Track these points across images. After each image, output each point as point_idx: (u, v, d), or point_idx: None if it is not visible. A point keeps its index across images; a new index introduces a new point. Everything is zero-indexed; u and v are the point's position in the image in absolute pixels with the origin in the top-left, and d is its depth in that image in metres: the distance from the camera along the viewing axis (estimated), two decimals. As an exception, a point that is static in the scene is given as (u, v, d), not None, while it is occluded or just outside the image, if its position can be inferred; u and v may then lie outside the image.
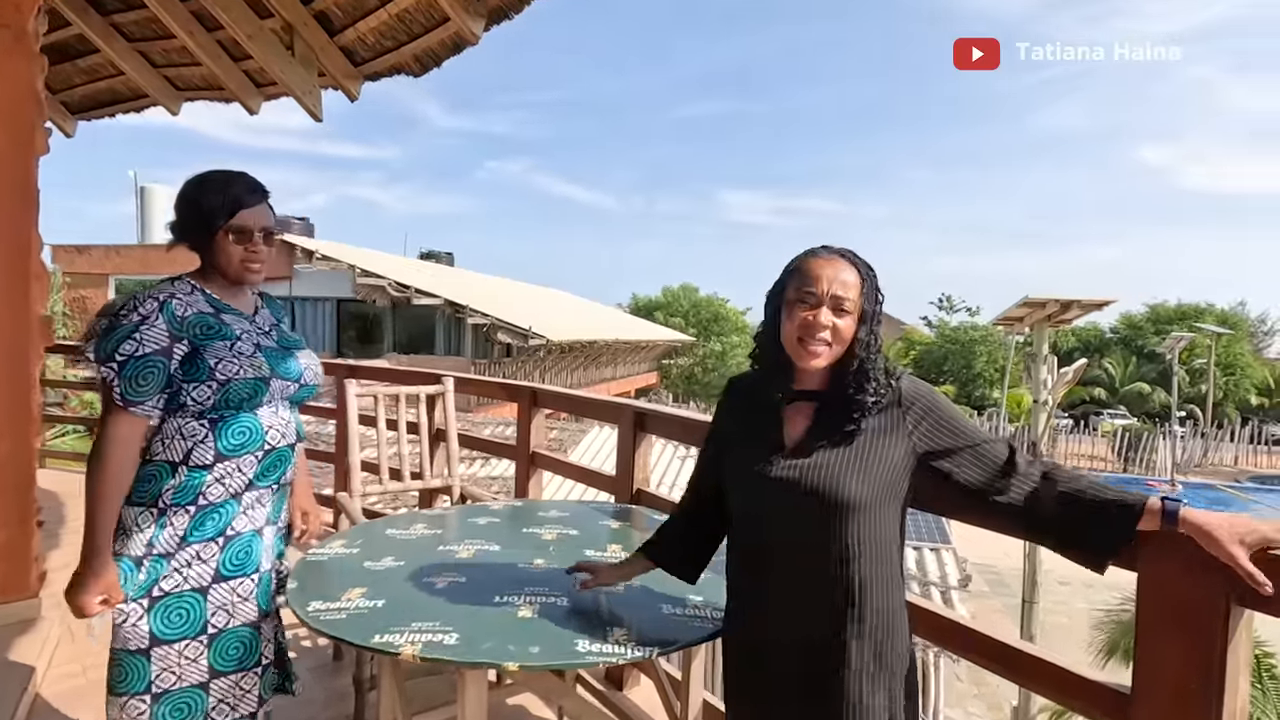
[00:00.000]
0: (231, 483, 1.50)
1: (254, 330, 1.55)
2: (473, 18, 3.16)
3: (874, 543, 1.19)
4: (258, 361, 1.50)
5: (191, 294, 1.50)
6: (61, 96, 5.26)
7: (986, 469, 1.19)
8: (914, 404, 1.21)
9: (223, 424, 1.47)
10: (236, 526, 1.53)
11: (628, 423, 2.56)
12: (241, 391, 1.47)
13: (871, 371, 1.20)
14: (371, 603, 1.49)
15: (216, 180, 1.50)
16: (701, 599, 1.57)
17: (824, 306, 1.19)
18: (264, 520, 1.58)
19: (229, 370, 1.45)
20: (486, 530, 2.05)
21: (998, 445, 1.21)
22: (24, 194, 2.69)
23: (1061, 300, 7.52)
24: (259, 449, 1.52)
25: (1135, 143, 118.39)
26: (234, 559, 1.53)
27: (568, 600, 1.52)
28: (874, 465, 1.19)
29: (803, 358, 1.21)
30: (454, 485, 2.96)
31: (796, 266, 1.24)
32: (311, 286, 17.69)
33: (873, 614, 1.19)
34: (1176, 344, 23.69)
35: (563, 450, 9.27)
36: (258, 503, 1.56)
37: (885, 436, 1.20)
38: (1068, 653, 6.20)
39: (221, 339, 1.47)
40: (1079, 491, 1.13)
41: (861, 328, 1.21)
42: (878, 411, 1.21)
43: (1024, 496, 1.17)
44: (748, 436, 1.30)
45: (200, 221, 1.49)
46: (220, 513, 1.50)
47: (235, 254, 1.50)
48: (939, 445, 1.20)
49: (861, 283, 1.21)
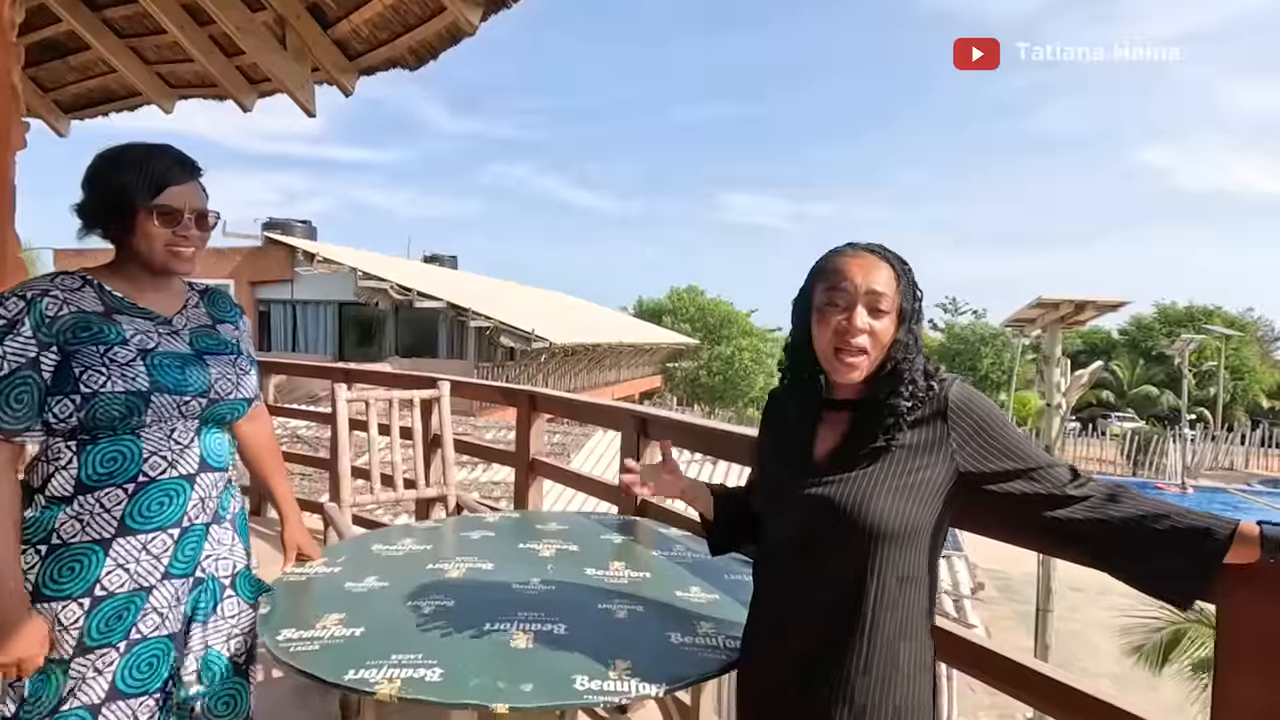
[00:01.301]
0: (95, 525, 1.21)
1: (157, 332, 1.30)
2: (470, 6, 3.04)
3: (901, 573, 1.05)
4: (132, 372, 1.22)
5: (79, 290, 1.25)
6: (54, 95, 5.16)
7: (1045, 496, 1.04)
8: (961, 417, 1.06)
9: (92, 447, 1.22)
10: (108, 584, 1.21)
11: (630, 429, 2.42)
12: (111, 408, 1.20)
13: (908, 373, 1.07)
14: (349, 631, 1.35)
15: (136, 153, 1.27)
16: (713, 626, 1.43)
17: (858, 308, 1.06)
18: (157, 575, 1.25)
19: (94, 382, 1.19)
20: (480, 546, 1.91)
21: (1059, 469, 1.05)
22: (0, 190, 2.57)
23: (1076, 301, 7.35)
24: (129, 480, 1.23)
25: (1138, 144, 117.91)
26: (100, 626, 1.21)
27: (565, 627, 1.38)
28: (910, 485, 1.05)
29: (839, 370, 1.08)
30: (449, 494, 2.82)
31: (823, 267, 1.11)
32: (313, 290, 17.63)
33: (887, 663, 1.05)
34: (1186, 347, 23.46)
35: (566, 455, 9.13)
36: (144, 552, 1.24)
37: (926, 453, 1.06)
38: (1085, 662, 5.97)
39: (96, 343, 1.21)
40: (1156, 517, 0.98)
41: (900, 328, 1.07)
42: (919, 424, 1.07)
43: (1090, 524, 1.02)
44: (778, 453, 1.19)
45: (116, 202, 1.25)
46: (81, 562, 1.20)
47: (159, 237, 1.26)
48: (988, 467, 1.06)
49: (897, 279, 1.08)
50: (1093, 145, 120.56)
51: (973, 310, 39.66)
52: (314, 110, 3.79)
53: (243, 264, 17.94)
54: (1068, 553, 1.12)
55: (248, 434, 1.60)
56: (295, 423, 7.96)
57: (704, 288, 36.58)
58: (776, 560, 1.16)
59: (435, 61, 3.51)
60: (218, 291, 1.51)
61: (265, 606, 1.46)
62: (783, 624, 1.13)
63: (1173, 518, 0.97)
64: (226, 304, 1.50)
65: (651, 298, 38.26)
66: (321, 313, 18.04)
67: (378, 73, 3.77)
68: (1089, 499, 1.03)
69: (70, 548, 1.21)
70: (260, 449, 1.62)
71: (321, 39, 3.69)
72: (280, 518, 1.67)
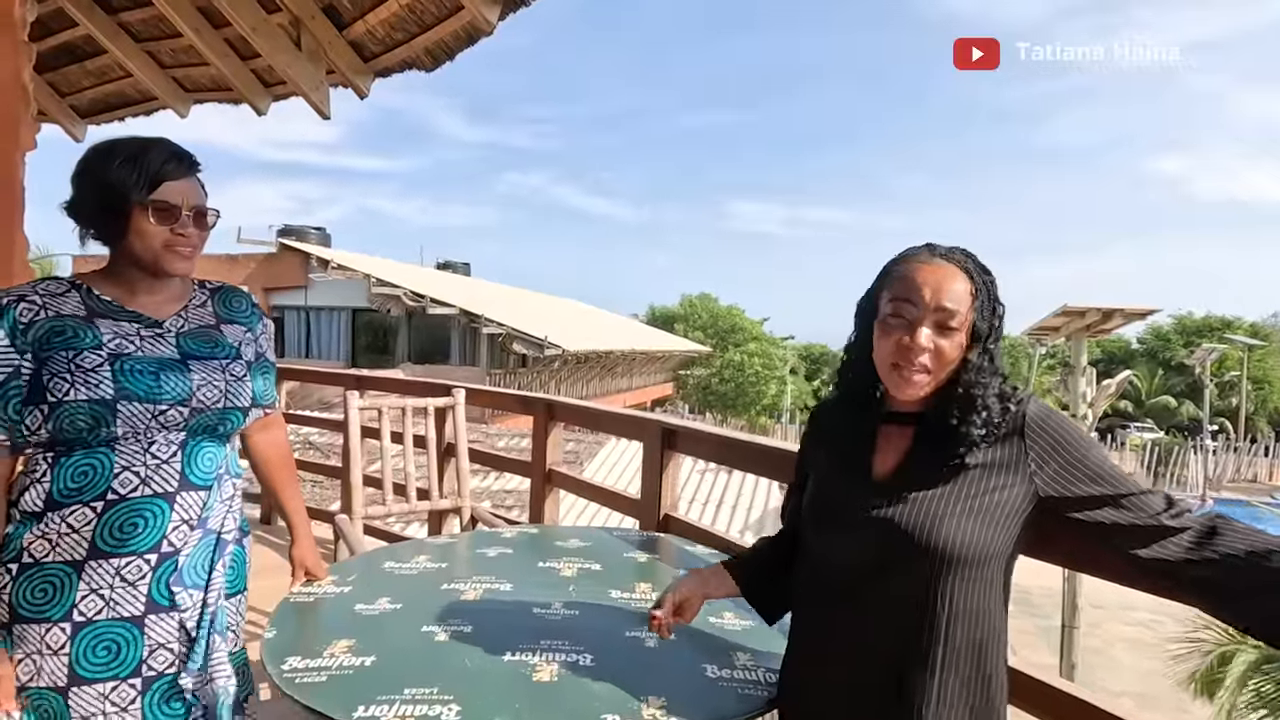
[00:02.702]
0: (64, 545, 1.11)
1: (139, 336, 1.20)
2: (488, 4, 2.97)
3: (976, 604, 0.94)
4: (96, 378, 1.12)
5: (63, 294, 1.18)
6: (70, 100, 5.16)
7: (1137, 528, 0.93)
8: (1040, 436, 0.96)
9: (66, 460, 1.13)
10: (84, 609, 1.11)
11: (654, 440, 2.31)
12: (78, 418, 1.11)
13: (980, 399, 0.96)
14: (358, 660, 1.24)
15: (130, 147, 1.18)
16: (750, 657, 1.31)
17: (924, 326, 0.95)
18: (139, 605, 1.15)
19: (58, 390, 1.11)
20: (498, 564, 1.81)
21: (1151, 496, 0.94)
22: (7, 191, 2.52)
23: (1103, 309, 7.17)
24: (97, 498, 1.12)
25: (1149, 153, 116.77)
26: (93, 655, 1.12)
27: (592, 658, 1.27)
28: (984, 507, 0.94)
29: (898, 386, 0.98)
30: (464, 506, 2.73)
31: (892, 272, 1.01)
32: (327, 296, 17.69)
33: (957, 704, 0.94)
34: (1207, 356, 23.04)
35: (579, 464, 9.03)
36: (118, 578, 1.13)
37: (1001, 473, 0.96)
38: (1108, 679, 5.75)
39: (67, 349, 1.13)
40: (1269, 553, 0.87)
41: (973, 349, 0.97)
42: (993, 442, 0.96)
43: (1190, 564, 0.90)
44: (832, 468, 1.08)
45: (108, 199, 1.16)
46: (54, 584, 1.11)
47: (156, 236, 1.17)
48: (1070, 491, 0.95)
49: (974, 294, 0.97)
50: (1103, 154, 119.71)
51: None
52: (329, 112, 3.73)
53: (257, 270, 18.03)
54: (1161, 589, 1.00)
55: (258, 445, 1.51)
56: (308, 429, 7.92)
57: (716, 295, 36.50)
58: (827, 586, 1.05)
59: (451, 62, 3.44)
60: (233, 290, 1.40)
61: (271, 630, 1.36)
62: (839, 654, 1.03)
63: None
64: (241, 304, 1.39)
65: (662, 305, 38.20)
66: (335, 319, 18.09)
67: (393, 74, 3.71)
68: (1187, 531, 0.91)
69: (43, 568, 1.12)
70: (271, 461, 1.53)
71: (337, 40, 3.64)
72: (290, 534, 1.58)
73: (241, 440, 1.49)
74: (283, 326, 18.33)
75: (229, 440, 1.31)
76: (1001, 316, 0.99)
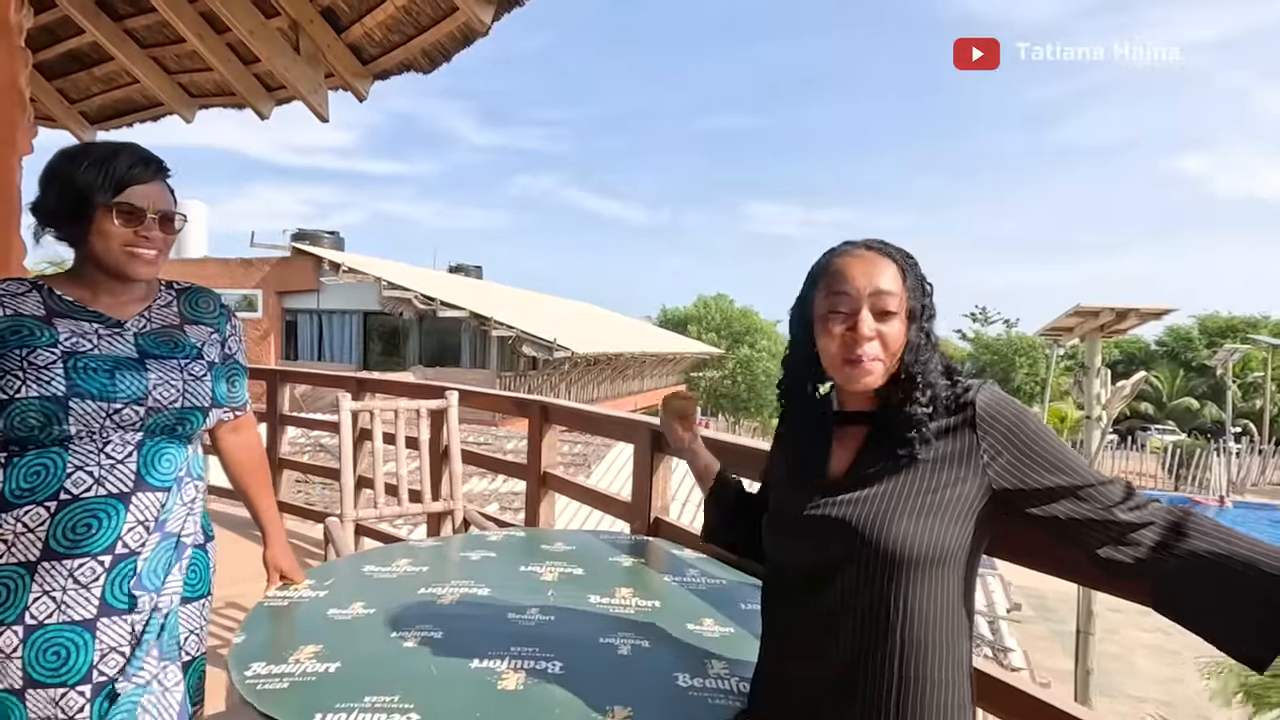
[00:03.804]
0: (19, 546, 1.11)
1: (97, 335, 1.20)
2: (481, 5, 2.96)
3: (931, 605, 0.91)
4: (48, 375, 1.12)
5: (24, 294, 1.18)
6: (79, 106, 5.23)
7: (1095, 522, 0.89)
8: (993, 425, 0.92)
9: (19, 460, 1.13)
10: (36, 612, 1.11)
11: (644, 442, 2.28)
12: (29, 416, 1.11)
13: (921, 376, 0.94)
14: (322, 666, 1.22)
15: (99, 151, 1.20)
16: (725, 666, 1.28)
17: (864, 312, 0.93)
18: (92, 608, 1.14)
19: (9, 387, 1.11)
20: (479, 568, 1.78)
21: (1110, 487, 0.90)
22: (4, 196, 2.54)
23: (1118, 309, 7.03)
24: (50, 498, 1.12)
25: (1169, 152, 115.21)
26: (43, 659, 1.11)
27: (561, 665, 1.24)
28: (936, 503, 0.91)
29: (851, 378, 0.95)
30: (456, 509, 2.71)
31: (821, 270, 0.99)
32: (339, 300, 17.84)
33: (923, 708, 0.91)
34: (1229, 357, 22.62)
35: (586, 466, 9.01)
36: (70, 580, 1.12)
37: (953, 466, 0.92)
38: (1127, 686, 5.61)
39: (21, 346, 1.13)
40: (1231, 553, 0.82)
41: (911, 328, 0.95)
42: (944, 434, 0.93)
43: (1156, 559, 0.87)
44: (788, 474, 1.06)
45: (73, 201, 1.17)
46: (8, 586, 1.11)
47: (118, 237, 1.18)
48: (1026, 483, 0.91)
49: (903, 275, 0.96)
50: (1123, 153, 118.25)
51: (1004, 320, 38.92)
52: (327, 115, 3.75)
53: (271, 274, 18.22)
54: (1120, 589, 0.96)
55: (229, 447, 1.50)
56: (318, 432, 7.96)
57: (731, 296, 36.39)
58: (785, 588, 1.03)
59: (448, 63, 3.44)
60: (199, 290, 1.40)
61: (241, 635, 1.34)
62: (796, 658, 1.00)
63: (1258, 556, 0.81)
64: (208, 303, 1.38)
65: (675, 307, 38.14)
66: (347, 322, 18.23)
67: (391, 76, 3.72)
68: (1149, 525, 0.87)
69: None
70: (242, 464, 1.52)
71: (335, 44, 3.66)
72: (263, 537, 1.57)
73: (213, 442, 1.48)
74: (295, 330, 18.52)
75: (190, 441, 1.30)
76: (930, 294, 0.98)
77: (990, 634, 6.11)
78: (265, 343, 17.95)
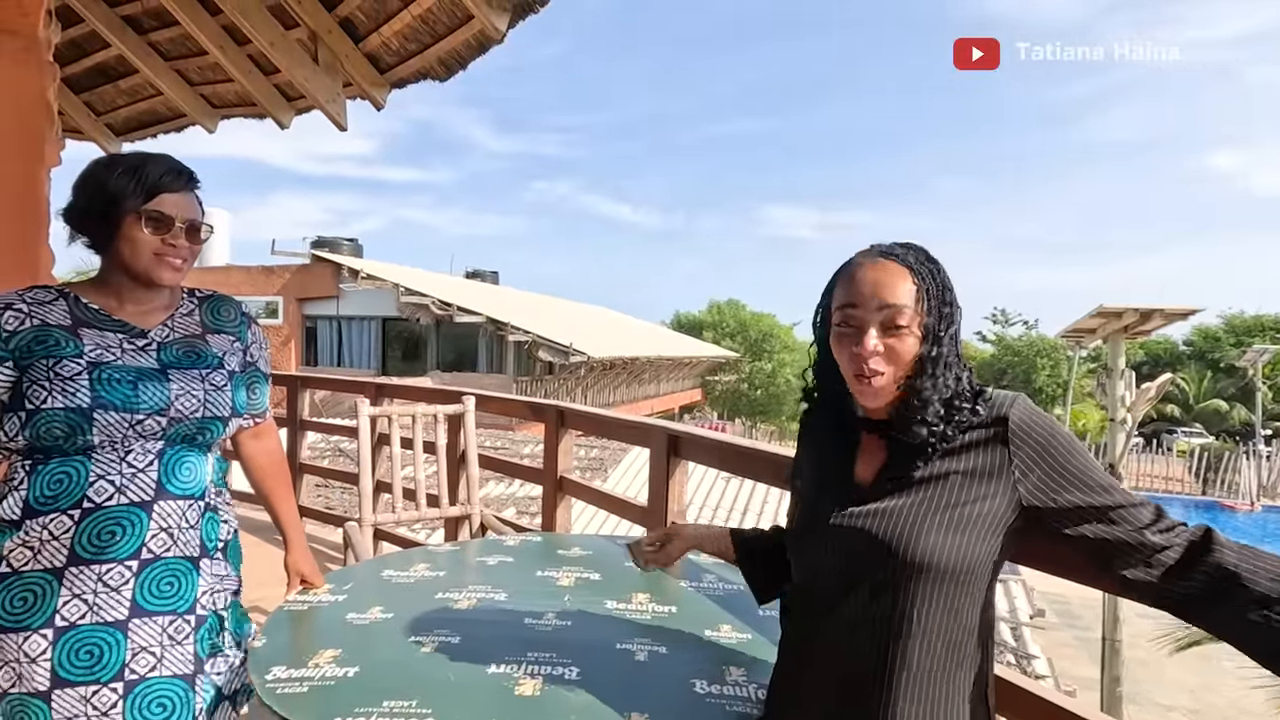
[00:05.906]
0: (45, 553, 1.13)
1: (121, 346, 1.21)
2: (496, 13, 2.98)
3: (952, 616, 0.89)
4: (74, 386, 1.14)
5: (50, 302, 1.20)
6: (106, 119, 5.34)
7: (1124, 545, 0.87)
8: (1025, 441, 0.90)
9: (43, 468, 1.14)
10: (67, 614, 1.13)
11: (659, 447, 2.28)
12: (54, 426, 1.12)
13: (931, 398, 0.91)
14: (342, 671, 1.23)
15: (132, 159, 1.22)
16: (744, 672, 1.27)
17: (870, 329, 0.91)
18: (124, 610, 1.16)
19: (36, 397, 1.13)
20: (497, 572, 1.79)
21: (1140, 509, 0.88)
22: (33, 208, 2.59)
23: (1141, 309, 6.89)
24: (73, 506, 1.14)
25: (1204, 148, 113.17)
26: (75, 659, 1.13)
27: (578, 671, 1.24)
28: (966, 518, 0.89)
29: (862, 395, 0.94)
30: (473, 514, 2.72)
31: (837, 280, 0.97)
32: (358, 306, 18.04)
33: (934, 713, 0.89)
34: (1259, 357, 22.13)
35: (603, 470, 9.02)
36: (100, 584, 1.14)
37: (984, 481, 0.90)
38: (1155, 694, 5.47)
39: (48, 357, 1.14)
40: (1256, 570, 0.81)
41: (924, 344, 0.92)
42: (976, 447, 0.91)
43: (1184, 579, 0.85)
44: (815, 480, 1.04)
45: (104, 206, 1.18)
46: (34, 592, 1.12)
47: (147, 244, 1.19)
48: (1057, 501, 0.89)
49: (919, 288, 0.92)
50: (1150, 151, 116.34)
51: (1024, 321, 38.41)
52: (345, 124, 3.80)
53: (291, 281, 18.47)
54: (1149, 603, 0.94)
55: (249, 453, 1.52)
56: (338, 437, 8.04)
57: (745, 301, 36.26)
58: (807, 597, 1.02)
59: (464, 70, 3.48)
60: (221, 298, 1.42)
61: (260, 640, 1.36)
62: (815, 668, 0.99)
63: None
64: (229, 311, 1.40)
65: (689, 312, 38.08)
66: (365, 328, 18.43)
67: (408, 85, 3.77)
68: (1173, 547, 0.86)
69: (23, 577, 1.13)
70: (263, 469, 1.53)
71: (353, 53, 3.71)
72: (284, 542, 1.58)
73: (235, 448, 1.50)
74: (315, 336, 18.75)
75: (211, 450, 1.32)
76: (952, 301, 0.94)
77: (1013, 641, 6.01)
78: (286, 349, 18.20)
